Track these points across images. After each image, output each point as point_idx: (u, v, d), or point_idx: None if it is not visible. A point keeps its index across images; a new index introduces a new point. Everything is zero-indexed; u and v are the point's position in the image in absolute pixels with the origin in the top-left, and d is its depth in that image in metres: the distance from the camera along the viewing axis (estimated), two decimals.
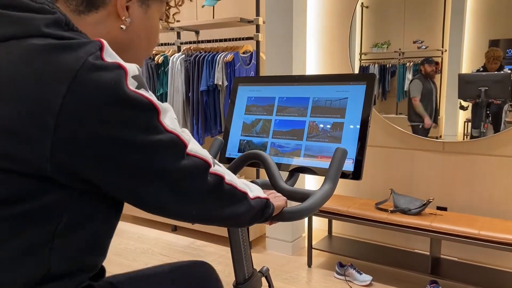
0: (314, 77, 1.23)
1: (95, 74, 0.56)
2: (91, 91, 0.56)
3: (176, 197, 0.67)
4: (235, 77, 1.37)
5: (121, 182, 0.63)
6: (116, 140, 0.59)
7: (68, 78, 0.55)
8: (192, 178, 0.68)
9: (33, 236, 0.62)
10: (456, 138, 2.69)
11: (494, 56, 2.49)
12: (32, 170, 0.58)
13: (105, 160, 0.60)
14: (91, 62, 0.57)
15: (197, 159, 0.69)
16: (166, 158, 0.64)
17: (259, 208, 0.84)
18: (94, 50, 0.59)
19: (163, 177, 0.64)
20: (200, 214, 0.72)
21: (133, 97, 0.59)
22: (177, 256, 2.96)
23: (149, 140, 0.61)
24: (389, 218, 2.38)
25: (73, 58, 0.57)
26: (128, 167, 0.61)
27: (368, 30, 2.95)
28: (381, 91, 2.97)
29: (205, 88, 3.17)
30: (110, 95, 0.57)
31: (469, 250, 2.67)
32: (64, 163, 0.58)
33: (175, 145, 0.65)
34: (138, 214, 3.63)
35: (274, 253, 2.98)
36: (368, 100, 1.11)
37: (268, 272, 1.28)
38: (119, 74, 0.59)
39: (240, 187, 0.80)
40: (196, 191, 0.69)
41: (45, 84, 0.56)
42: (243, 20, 3.02)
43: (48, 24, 0.60)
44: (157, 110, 0.63)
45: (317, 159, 1.14)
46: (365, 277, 2.47)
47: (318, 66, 3.13)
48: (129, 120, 0.59)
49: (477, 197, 2.63)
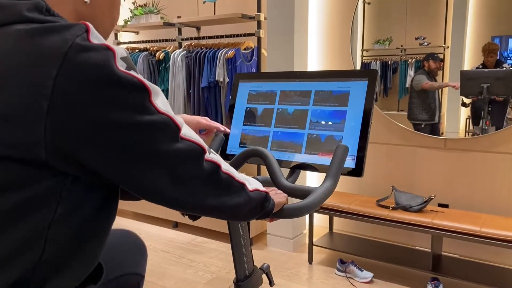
0: (316, 73, 1.23)
1: (84, 55, 0.56)
2: (81, 72, 0.56)
3: (173, 182, 0.66)
4: (236, 74, 1.37)
5: (115, 164, 0.62)
6: (107, 120, 0.58)
7: (58, 60, 0.55)
8: (188, 163, 0.67)
9: (29, 226, 0.61)
10: (458, 135, 2.68)
11: (489, 49, 2.49)
12: (27, 156, 0.58)
13: (98, 141, 0.59)
14: (79, 43, 0.56)
15: (192, 143, 0.67)
16: (159, 139, 0.63)
17: (258, 200, 0.82)
18: (80, 32, 0.58)
19: (158, 159, 0.63)
20: (197, 202, 0.70)
21: (123, 77, 0.58)
22: (178, 253, 2.96)
23: (141, 120, 0.60)
24: (390, 215, 2.37)
25: (60, 40, 0.56)
26: (121, 148, 0.60)
27: (370, 26, 2.93)
28: (382, 87, 2.96)
29: (206, 84, 3.16)
30: (99, 75, 0.57)
31: (471, 247, 2.66)
32: (58, 146, 0.58)
33: (168, 126, 0.64)
34: (139, 210, 3.63)
35: (275, 250, 2.98)
36: (370, 97, 1.10)
37: (268, 269, 1.28)
38: (107, 55, 0.58)
39: (238, 177, 0.78)
40: (192, 177, 0.68)
41: (35, 67, 0.55)
42: (244, 16, 3.01)
43: (29, 9, 0.60)
44: (148, 90, 0.62)
45: (318, 155, 1.14)
46: (366, 274, 2.47)
47: (320, 63, 3.12)
48: (119, 100, 0.59)
49: (478, 194, 2.63)
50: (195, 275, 2.62)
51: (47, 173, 0.60)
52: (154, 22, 3.49)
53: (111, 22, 0.77)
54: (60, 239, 0.64)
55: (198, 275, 2.61)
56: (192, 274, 2.64)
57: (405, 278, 2.50)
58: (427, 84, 2.73)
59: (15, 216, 0.60)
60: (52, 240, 0.63)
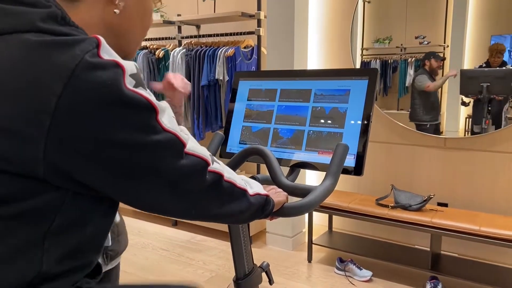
0: (316, 71, 1.23)
1: (92, 73, 0.55)
2: (87, 91, 0.55)
3: (175, 197, 0.66)
4: (236, 72, 1.37)
5: (118, 183, 0.61)
6: (112, 141, 0.58)
7: (64, 77, 0.54)
8: (191, 178, 0.67)
9: (25, 237, 0.61)
10: (458, 134, 2.68)
11: (497, 50, 2.48)
12: (25, 171, 0.57)
13: (100, 161, 0.58)
14: (87, 61, 0.55)
15: (196, 158, 0.67)
16: (164, 159, 0.63)
17: (259, 204, 0.83)
18: (91, 48, 0.57)
19: (161, 177, 0.63)
20: (199, 212, 0.71)
21: (131, 97, 0.58)
22: (177, 251, 2.96)
23: (146, 141, 0.60)
24: (389, 214, 2.37)
25: (69, 56, 0.55)
26: (124, 167, 0.60)
27: (370, 25, 2.93)
28: (382, 86, 2.96)
29: (206, 82, 3.16)
30: (106, 94, 0.56)
31: (470, 246, 2.67)
32: (57, 164, 0.57)
33: (173, 145, 0.64)
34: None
35: (275, 248, 2.98)
36: (370, 95, 1.10)
37: (268, 267, 1.28)
38: (116, 73, 0.57)
39: (239, 184, 0.78)
40: (195, 191, 0.68)
41: (40, 82, 0.54)
42: (244, 14, 3.01)
43: (43, 19, 0.58)
44: (155, 109, 0.61)
45: (318, 154, 1.14)
46: (365, 273, 2.48)
47: (320, 61, 3.12)
48: (126, 120, 0.58)
49: (478, 193, 2.63)
50: (194, 273, 2.62)
51: (46, 188, 0.59)
52: (153, 20, 3.49)
53: (143, 29, 0.76)
54: (58, 249, 0.64)
55: (198, 273, 2.62)
56: (192, 272, 2.64)
57: (404, 277, 2.50)
58: (431, 86, 2.71)
59: (10, 228, 0.60)
60: (50, 250, 0.63)
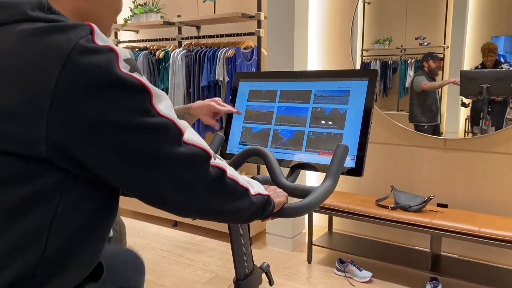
0: (316, 72, 1.23)
1: (87, 57, 0.57)
2: (82, 73, 0.57)
3: (175, 186, 0.65)
4: (236, 73, 1.37)
5: (114, 165, 0.62)
6: (107, 122, 0.59)
7: (61, 59, 0.56)
8: (192, 168, 0.66)
9: (32, 221, 0.62)
10: (457, 135, 2.69)
11: (489, 49, 2.49)
12: (28, 152, 0.58)
13: (97, 141, 0.59)
14: (82, 45, 0.57)
15: (196, 148, 0.67)
16: (160, 143, 0.62)
17: (260, 204, 0.83)
18: (85, 34, 0.59)
19: (158, 162, 0.63)
20: (199, 207, 0.70)
21: (124, 79, 0.59)
22: (177, 252, 2.96)
23: (140, 122, 0.60)
24: (389, 215, 2.38)
25: (65, 40, 0.57)
26: (120, 149, 0.61)
27: (370, 26, 2.94)
28: (382, 87, 2.96)
29: (206, 83, 3.16)
30: (101, 77, 0.57)
31: (470, 247, 2.67)
32: (58, 144, 0.59)
33: (169, 130, 0.64)
34: (139, 209, 3.63)
35: (274, 249, 2.98)
36: (370, 96, 1.10)
37: (268, 268, 1.28)
38: (110, 56, 0.59)
39: (242, 182, 0.78)
40: (197, 182, 0.68)
41: (40, 65, 0.56)
42: (244, 15, 3.01)
43: (33, 8, 0.61)
44: (149, 92, 0.62)
45: (318, 155, 1.14)
46: (365, 274, 2.48)
47: (320, 62, 3.12)
48: (120, 101, 0.59)
49: (478, 195, 2.63)
50: (194, 274, 2.62)
51: (48, 169, 0.60)
52: (154, 21, 3.49)
53: (113, 13, 0.77)
54: (62, 235, 0.65)
55: (197, 274, 2.62)
56: (191, 273, 2.64)
57: (404, 278, 2.50)
58: (427, 85, 2.72)
59: (17, 212, 0.61)
60: (54, 236, 0.64)
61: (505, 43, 2.47)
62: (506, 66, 2.48)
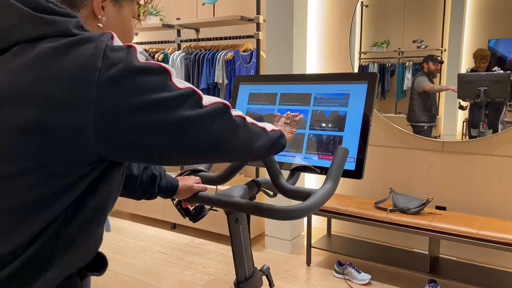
0: (316, 76, 1.24)
1: (114, 53, 0.69)
2: (114, 65, 0.68)
3: (213, 139, 0.77)
4: (236, 76, 1.37)
5: (162, 141, 0.72)
6: (142, 103, 0.69)
7: (99, 55, 0.67)
8: (220, 119, 0.78)
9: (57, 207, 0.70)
10: (455, 138, 2.70)
11: (481, 55, 2.51)
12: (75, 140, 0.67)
13: (141, 123, 0.69)
14: (109, 45, 0.70)
15: (215, 103, 0.78)
16: (190, 108, 0.73)
17: (276, 138, 0.98)
18: (109, 38, 0.72)
19: (195, 124, 0.73)
20: (235, 146, 0.82)
21: (147, 65, 0.71)
22: (176, 254, 2.96)
23: (169, 97, 0.71)
24: (388, 217, 2.38)
25: (99, 42, 0.70)
26: (161, 125, 0.70)
27: (368, 29, 2.95)
28: (380, 90, 2.97)
29: (205, 86, 3.17)
30: (128, 67, 0.68)
31: (468, 250, 2.68)
32: (102, 129, 0.67)
33: (193, 95, 0.74)
34: (137, 211, 3.63)
35: (273, 251, 2.98)
36: (370, 99, 1.11)
37: (268, 271, 1.28)
38: (131, 51, 0.71)
39: (259, 124, 0.94)
40: (227, 130, 0.79)
41: (84, 62, 0.67)
42: (243, 18, 3.02)
43: (75, 26, 0.74)
44: (169, 72, 0.73)
45: (318, 158, 1.15)
46: (364, 276, 2.48)
47: (318, 65, 3.13)
48: (148, 83, 0.70)
49: (476, 197, 2.64)
50: (193, 276, 2.62)
51: (90, 159, 0.69)
52: (153, 24, 3.50)
53: (123, 41, 0.86)
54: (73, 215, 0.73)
55: (196, 277, 2.62)
56: (190, 275, 2.64)
57: (403, 280, 2.51)
58: (428, 87, 2.74)
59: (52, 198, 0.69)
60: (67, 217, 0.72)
61: (502, 46, 2.49)
62: (497, 69, 2.49)
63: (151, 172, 1.17)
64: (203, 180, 1.29)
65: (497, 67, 2.49)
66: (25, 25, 0.70)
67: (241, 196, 1.10)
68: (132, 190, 1.14)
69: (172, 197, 1.22)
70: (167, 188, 1.19)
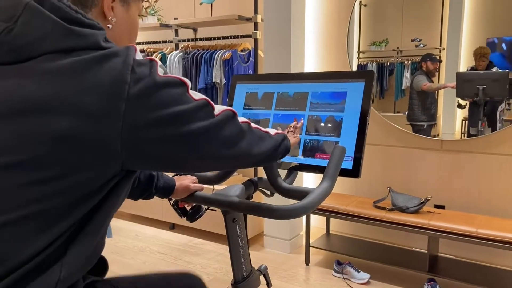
0: (313, 74, 1.23)
1: (140, 67, 0.72)
2: (140, 80, 0.71)
3: (225, 144, 0.81)
4: (233, 75, 1.37)
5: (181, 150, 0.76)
6: (164, 115, 0.72)
7: (128, 69, 0.71)
8: (230, 125, 0.83)
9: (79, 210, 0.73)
10: (454, 137, 2.69)
11: (481, 53, 2.50)
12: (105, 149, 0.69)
13: (163, 135, 0.72)
14: (135, 59, 0.73)
15: (225, 111, 0.83)
16: (205, 117, 0.77)
17: (280, 140, 1.01)
18: (134, 51, 0.75)
19: (208, 131, 0.78)
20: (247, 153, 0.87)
21: (167, 79, 0.74)
22: (175, 254, 2.96)
23: (186, 109, 0.75)
24: (387, 216, 2.38)
25: (126, 56, 0.73)
26: (179, 136, 0.74)
27: (366, 28, 2.94)
28: (379, 89, 2.97)
29: (203, 86, 3.16)
30: (152, 82, 0.72)
31: (467, 248, 2.67)
32: (128, 141, 0.70)
33: (207, 106, 0.78)
34: (136, 212, 3.63)
35: (272, 251, 2.98)
36: (367, 98, 1.11)
37: (266, 271, 1.28)
38: (153, 65, 0.74)
39: (262, 128, 0.98)
40: (236, 135, 0.84)
41: (115, 75, 0.70)
42: (241, 17, 3.02)
43: (103, 40, 0.77)
44: (186, 84, 0.77)
45: (316, 157, 1.14)
46: (363, 275, 2.48)
47: (316, 64, 3.13)
48: (169, 96, 0.73)
49: (475, 196, 2.64)
50: None
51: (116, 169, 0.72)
52: (150, 24, 3.49)
53: (129, 42, 0.91)
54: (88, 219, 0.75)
55: None
56: None
57: (402, 279, 2.51)
58: (426, 86, 2.74)
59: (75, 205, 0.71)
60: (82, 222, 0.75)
61: (500, 44, 2.49)
62: (497, 69, 2.49)
63: (149, 173, 1.17)
64: (200, 180, 1.29)
65: (497, 67, 2.49)
66: (58, 36, 0.71)
67: (238, 195, 1.09)
68: (130, 190, 1.14)
69: (169, 197, 1.21)
70: (164, 188, 1.19)
